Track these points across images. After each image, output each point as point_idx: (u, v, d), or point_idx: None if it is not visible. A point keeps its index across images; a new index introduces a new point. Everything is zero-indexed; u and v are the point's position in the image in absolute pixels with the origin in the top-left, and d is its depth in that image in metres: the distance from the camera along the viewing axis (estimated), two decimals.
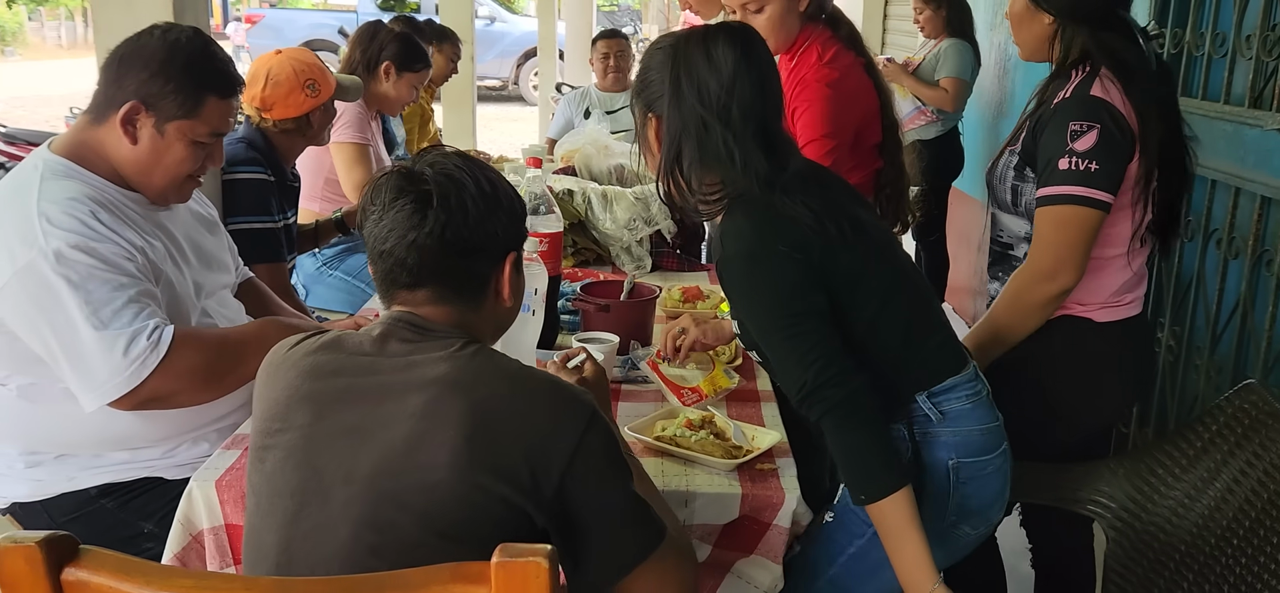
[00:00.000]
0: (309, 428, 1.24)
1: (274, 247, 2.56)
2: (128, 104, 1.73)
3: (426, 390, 1.20)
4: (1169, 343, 2.91)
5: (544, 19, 9.61)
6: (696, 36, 1.57)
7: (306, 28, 16.25)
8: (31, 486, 1.82)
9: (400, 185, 1.27)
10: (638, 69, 1.66)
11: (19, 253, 1.62)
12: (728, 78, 1.52)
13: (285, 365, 1.31)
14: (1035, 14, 1.87)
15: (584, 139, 3.24)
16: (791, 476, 1.63)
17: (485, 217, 1.28)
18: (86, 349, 1.62)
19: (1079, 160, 1.73)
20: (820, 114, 2.20)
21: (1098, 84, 1.78)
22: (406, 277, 1.28)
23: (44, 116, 13.01)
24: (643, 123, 1.64)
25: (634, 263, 2.81)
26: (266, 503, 1.26)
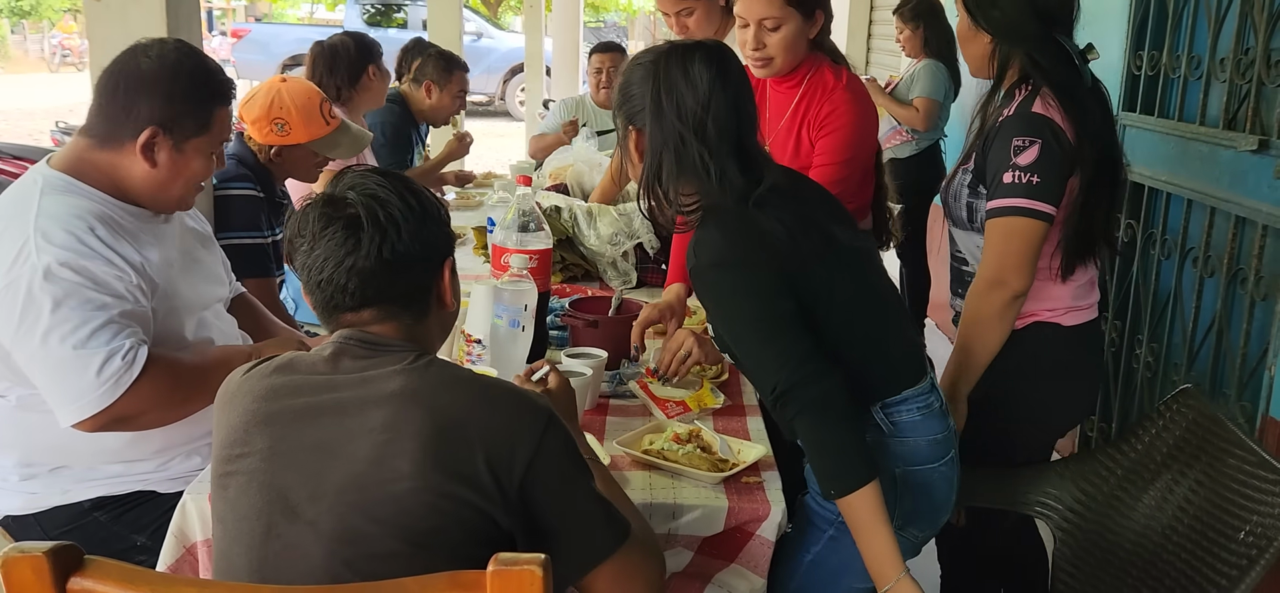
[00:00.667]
0: (269, 450, 1.25)
1: (263, 262, 2.58)
2: (146, 132, 1.75)
3: (385, 405, 1.22)
4: (1147, 359, 2.96)
5: (531, 35, 9.65)
6: (676, 53, 1.62)
7: (292, 42, 16.23)
8: (25, 499, 1.83)
9: (327, 213, 1.27)
10: (619, 83, 1.70)
11: (10, 268, 1.64)
12: (704, 94, 1.57)
13: (241, 392, 1.31)
14: (976, 33, 1.95)
15: (575, 156, 3.28)
16: (777, 488, 1.66)
17: (418, 229, 1.29)
18: (63, 366, 1.64)
19: (1022, 174, 1.80)
20: (849, 138, 2.23)
21: (1039, 101, 1.85)
22: (349, 300, 1.28)
23: (27, 130, 12.96)
24: (624, 134, 1.68)
25: (620, 278, 2.84)
26: (233, 528, 1.27)
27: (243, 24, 18.35)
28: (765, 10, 2.19)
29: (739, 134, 1.60)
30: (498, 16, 20.13)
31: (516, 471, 1.21)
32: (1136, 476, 1.86)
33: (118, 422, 1.69)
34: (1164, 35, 2.90)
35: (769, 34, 2.21)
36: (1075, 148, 1.83)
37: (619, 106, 1.68)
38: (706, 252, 1.57)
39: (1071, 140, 1.82)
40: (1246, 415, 2.48)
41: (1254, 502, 1.63)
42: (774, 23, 2.20)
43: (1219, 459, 1.72)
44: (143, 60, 1.77)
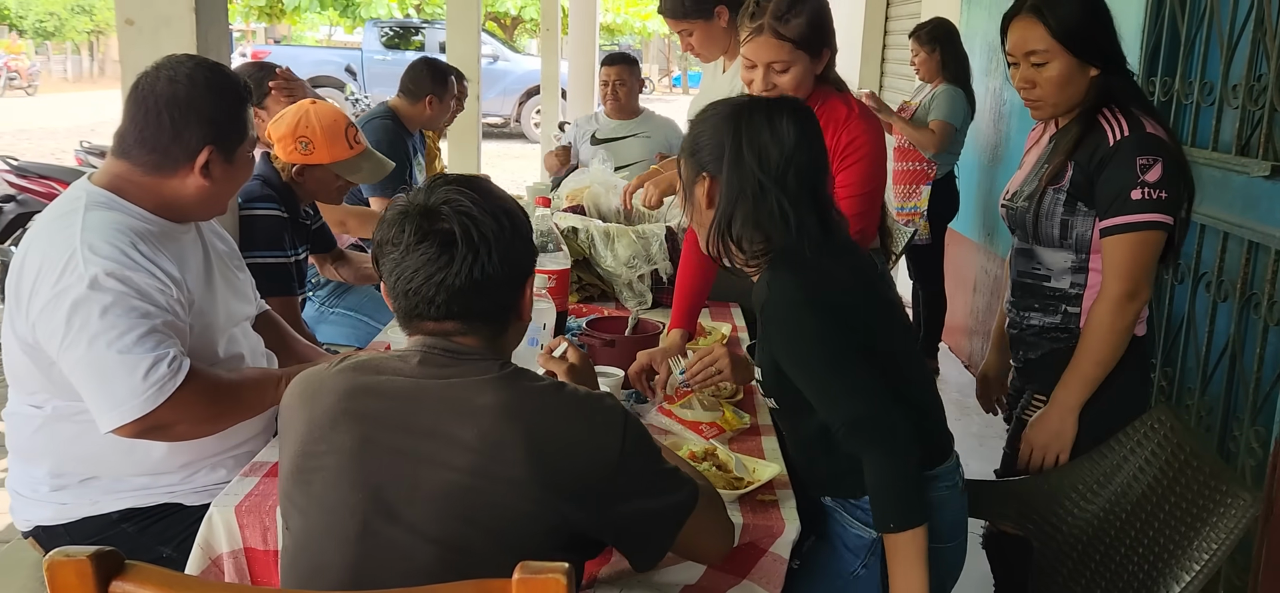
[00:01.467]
0: (357, 448, 1.30)
1: (286, 281, 2.63)
2: (204, 153, 1.81)
3: (481, 417, 1.28)
4: (1161, 383, 2.97)
5: (547, 58, 9.73)
6: (759, 107, 1.69)
7: (311, 64, 16.43)
8: (56, 509, 1.88)
9: (423, 226, 1.31)
10: (690, 132, 1.77)
11: (59, 278, 1.69)
12: (789, 148, 1.64)
13: (324, 389, 1.35)
14: (1082, 71, 1.97)
15: (591, 178, 3.32)
16: (791, 506, 1.68)
17: (507, 250, 1.34)
18: (109, 370, 1.67)
19: (1151, 190, 1.88)
20: (869, 169, 2.25)
21: (1147, 124, 1.93)
22: (435, 312, 1.34)
23: (50, 149, 13.12)
24: (692, 180, 1.73)
25: (636, 299, 2.88)
26: (319, 522, 1.31)
27: (263, 46, 18.57)
28: (773, 54, 2.17)
29: (816, 186, 1.68)
30: (513, 39, 20.30)
31: (608, 473, 1.31)
32: (1112, 488, 1.91)
33: (154, 430, 1.72)
34: (1176, 62, 2.93)
35: (778, 76, 2.19)
36: (1185, 162, 1.93)
37: (689, 154, 1.74)
38: (782, 291, 1.63)
39: (1181, 156, 1.93)
40: (1260, 441, 2.49)
41: (1205, 511, 1.70)
42: (782, 66, 2.18)
43: (1180, 472, 1.78)
44: (174, 85, 1.81)
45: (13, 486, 1.94)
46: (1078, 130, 1.98)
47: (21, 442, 1.90)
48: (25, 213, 5.31)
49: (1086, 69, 1.96)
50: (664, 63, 39.37)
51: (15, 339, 1.79)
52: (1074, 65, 1.96)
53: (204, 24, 2.23)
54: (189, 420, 1.75)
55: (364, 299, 3.40)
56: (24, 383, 1.84)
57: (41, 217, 1.83)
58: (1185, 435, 1.82)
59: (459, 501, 1.26)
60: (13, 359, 1.83)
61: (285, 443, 1.39)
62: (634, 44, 29.07)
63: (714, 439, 1.87)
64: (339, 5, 19.00)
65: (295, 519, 1.35)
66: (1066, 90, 1.98)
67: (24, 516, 1.93)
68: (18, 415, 1.88)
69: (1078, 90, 1.98)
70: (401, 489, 1.28)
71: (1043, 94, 2.00)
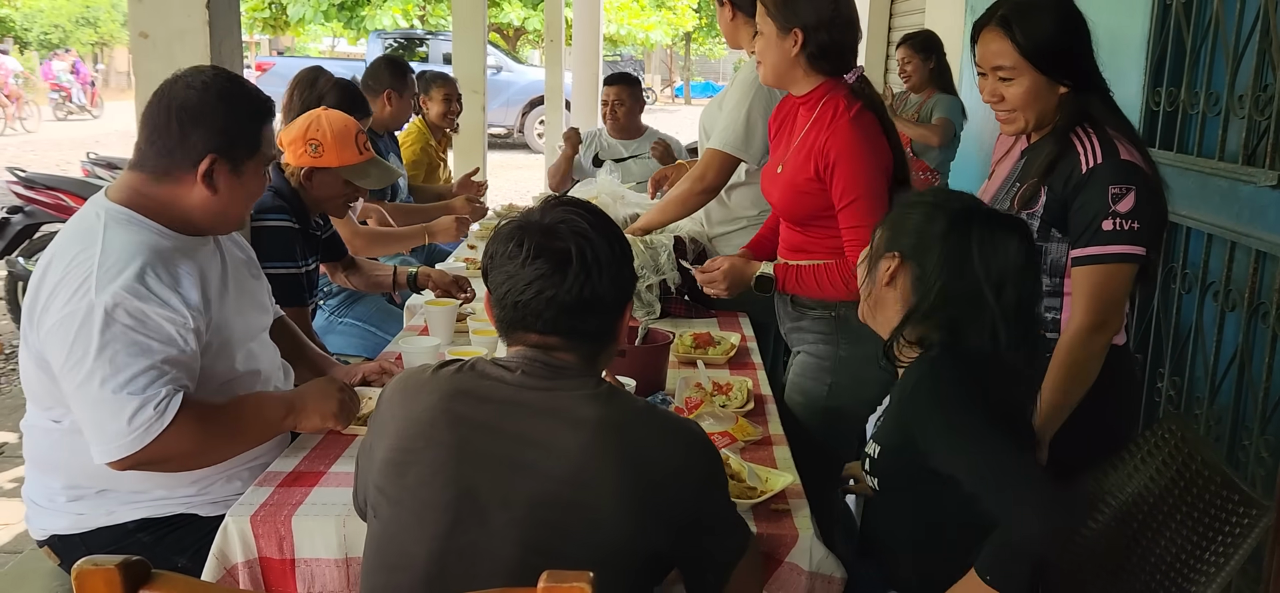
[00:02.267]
0: (456, 448, 1.34)
1: (297, 291, 2.64)
2: (205, 160, 1.81)
3: (581, 429, 1.33)
4: (1169, 393, 2.97)
5: (551, 69, 9.75)
6: (987, 219, 1.65)
7: None
8: (72, 519, 1.89)
9: (539, 242, 1.37)
10: (898, 206, 1.74)
11: (70, 300, 1.70)
12: (1017, 264, 1.60)
13: (427, 387, 1.41)
14: (1052, 89, 1.95)
15: (599, 189, 3.34)
16: (805, 515, 1.69)
17: (617, 274, 1.40)
18: (98, 407, 1.69)
19: (1123, 221, 1.84)
20: (851, 170, 2.27)
21: (1121, 148, 1.89)
22: (539, 324, 1.39)
23: (56, 160, 13.15)
24: (880, 251, 1.70)
25: (644, 309, 2.88)
26: (411, 515, 1.35)
27: (267, 57, 18.63)
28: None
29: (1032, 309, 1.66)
30: (516, 50, 20.35)
31: (692, 497, 1.37)
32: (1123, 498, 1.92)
33: (146, 464, 1.74)
34: (1182, 72, 2.94)
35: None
36: (1160, 188, 1.89)
37: (889, 225, 1.71)
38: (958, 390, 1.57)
39: (1158, 182, 1.89)
40: (1270, 450, 2.49)
41: (1218, 522, 1.70)
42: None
43: (1191, 483, 1.78)
44: (188, 91, 1.82)
45: (29, 495, 1.95)
46: (1050, 150, 1.94)
47: (39, 453, 1.91)
48: (32, 224, 5.33)
49: (1055, 87, 1.94)
50: (666, 73, 39.46)
51: (29, 353, 1.80)
52: (1042, 83, 1.93)
53: (217, 36, 2.24)
54: (179, 457, 1.76)
55: (373, 310, 3.41)
56: (40, 397, 1.85)
57: (62, 234, 1.83)
58: (1196, 446, 1.82)
59: (551, 509, 1.30)
60: (28, 373, 1.84)
61: (380, 436, 1.43)
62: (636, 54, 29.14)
63: (726, 449, 1.88)
64: (343, 17, 19.06)
65: (385, 509, 1.39)
66: (1034, 107, 1.96)
67: (40, 525, 1.94)
68: (37, 428, 1.89)
69: (1047, 107, 1.96)
70: (495, 492, 1.32)
71: (1012, 109, 1.98)
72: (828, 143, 2.28)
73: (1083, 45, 1.96)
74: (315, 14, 18.67)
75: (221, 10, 2.26)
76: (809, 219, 2.39)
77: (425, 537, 1.34)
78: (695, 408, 2.05)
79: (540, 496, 1.31)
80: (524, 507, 1.31)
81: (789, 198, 2.40)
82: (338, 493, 1.74)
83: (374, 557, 1.42)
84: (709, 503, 1.41)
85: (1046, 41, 1.92)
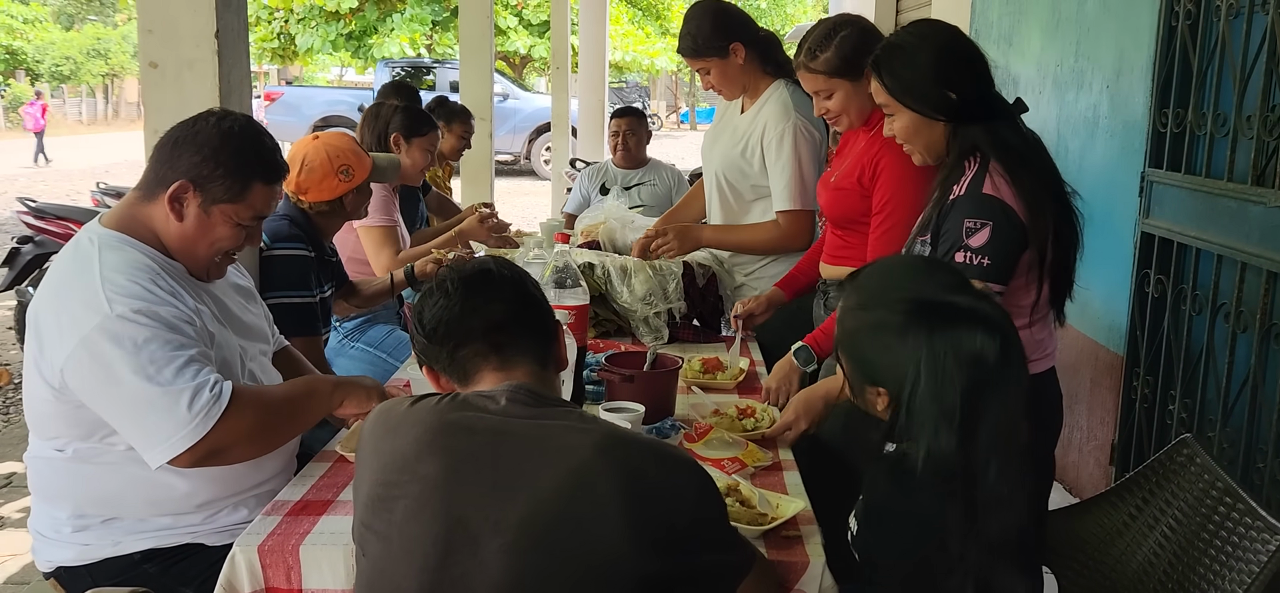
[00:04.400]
0: (443, 479, 1.34)
1: (311, 320, 2.64)
2: (176, 183, 1.82)
3: (570, 455, 1.34)
4: (1181, 416, 2.95)
5: (557, 96, 9.81)
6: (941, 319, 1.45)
7: (323, 104, 16.60)
8: (78, 550, 1.88)
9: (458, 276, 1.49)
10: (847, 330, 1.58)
11: (83, 320, 1.70)
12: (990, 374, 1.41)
13: (408, 421, 1.42)
14: (931, 124, 2.00)
15: (607, 214, 3.34)
16: (816, 543, 1.68)
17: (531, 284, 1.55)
18: (151, 406, 1.68)
19: (973, 256, 1.86)
20: (889, 182, 2.41)
21: (989, 181, 1.90)
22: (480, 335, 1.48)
23: (65, 190, 13.24)
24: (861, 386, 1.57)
25: (653, 334, 2.87)
26: (400, 549, 1.35)
27: (275, 87, 18.74)
28: (815, 84, 2.49)
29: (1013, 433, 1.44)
30: (523, 77, 20.46)
31: (684, 521, 1.36)
32: (1137, 523, 1.90)
33: (211, 455, 1.73)
34: (1188, 93, 2.93)
35: (824, 101, 2.48)
36: (1026, 224, 1.88)
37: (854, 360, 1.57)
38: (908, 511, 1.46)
39: (1022, 218, 1.88)
40: None
41: (1240, 548, 1.68)
42: (826, 92, 2.47)
43: (1213, 509, 1.76)
44: (203, 125, 1.85)
45: (35, 527, 1.94)
46: (945, 180, 1.99)
47: (43, 483, 1.90)
48: (43, 254, 5.35)
49: (934, 122, 1.98)
50: (671, 99, 39.61)
51: (42, 383, 1.79)
52: (917, 119, 2.00)
53: (226, 66, 2.26)
54: (242, 441, 1.76)
55: (385, 336, 3.41)
56: (45, 427, 1.85)
57: (57, 262, 1.85)
58: (1215, 470, 1.80)
59: (545, 534, 1.30)
60: (35, 403, 1.83)
61: (362, 474, 1.44)
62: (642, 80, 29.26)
63: (736, 475, 1.86)
64: (350, 46, 19.19)
65: (373, 546, 1.39)
66: (917, 140, 2.04)
67: (46, 556, 1.93)
68: (40, 459, 1.89)
69: (933, 139, 2.02)
70: (486, 519, 1.31)
71: (903, 141, 2.07)
72: (879, 153, 2.42)
73: (961, 80, 1.98)
74: (323, 44, 18.80)
75: (230, 41, 2.28)
76: (848, 222, 2.54)
77: (414, 571, 1.33)
78: (704, 434, 2.04)
79: (532, 519, 1.30)
80: (515, 531, 1.30)
81: (833, 199, 2.56)
82: (346, 522, 1.72)
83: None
84: (703, 525, 1.40)
85: (913, 81, 1.98)
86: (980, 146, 1.94)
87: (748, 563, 1.46)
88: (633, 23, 22.38)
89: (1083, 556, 1.95)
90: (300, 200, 2.70)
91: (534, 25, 19.75)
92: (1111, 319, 3.34)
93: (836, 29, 2.46)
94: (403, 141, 3.62)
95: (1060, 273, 1.97)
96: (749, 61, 2.94)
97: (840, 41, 2.43)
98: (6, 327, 6.41)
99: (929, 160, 2.08)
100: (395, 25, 18.37)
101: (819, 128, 2.89)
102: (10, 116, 27.14)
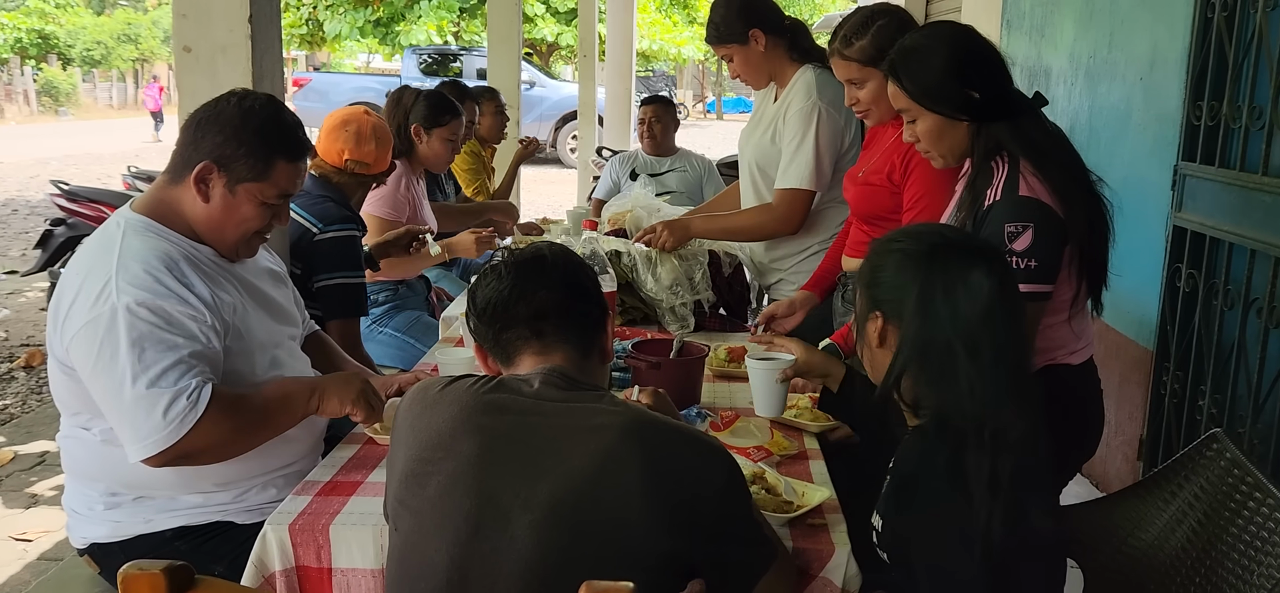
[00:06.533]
0: (477, 457, 1.38)
1: (360, 300, 2.66)
2: (201, 164, 1.84)
3: (599, 435, 1.38)
4: (1211, 411, 2.93)
5: (584, 85, 9.80)
6: (954, 252, 1.56)
7: (351, 91, 16.59)
8: (110, 527, 1.91)
9: (515, 260, 1.53)
10: (868, 260, 1.64)
11: (93, 305, 1.73)
12: (983, 307, 1.49)
13: (444, 400, 1.46)
14: (953, 125, 1.97)
15: (633, 201, 3.34)
16: (842, 531, 1.68)
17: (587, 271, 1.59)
18: (134, 405, 1.71)
19: (1019, 260, 1.83)
20: (919, 181, 2.41)
21: (1022, 182, 1.87)
22: (525, 322, 1.51)
23: (96, 174, 13.40)
24: (865, 315, 1.63)
25: (678, 323, 2.88)
26: (432, 524, 1.39)
27: (304, 74, 18.87)
28: (848, 72, 2.48)
29: (1016, 361, 1.52)
30: (549, 65, 20.48)
31: (709, 503, 1.39)
32: (1164, 516, 1.88)
33: (183, 458, 1.76)
34: (1224, 86, 2.90)
35: (855, 90, 2.49)
36: (1065, 221, 1.86)
37: (866, 285, 1.63)
38: (930, 475, 1.50)
39: (1060, 214, 1.85)
40: None
41: (1270, 542, 1.65)
42: (858, 82, 2.47)
43: (1243, 503, 1.74)
44: (224, 105, 1.87)
45: (69, 504, 1.98)
46: (971, 182, 1.97)
47: (75, 462, 1.94)
48: (75, 236, 5.43)
49: (956, 123, 1.96)
50: (698, 89, 39.53)
51: (56, 362, 1.83)
52: (940, 121, 1.97)
53: (259, 51, 2.28)
54: (213, 447, 1.78)
55: (411, 321, 3.43)
56: (69, 405, 1.89)
57: (85, 245, 1.88)
58: (1245, 465, 1.78)
59: (571, 510, 1.33)
60: (57, 383, 1.87)
61: (397, 451, 1.48)
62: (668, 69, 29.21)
63: (762, 462, 1.87)
64: (378, 33, 19.28)
65: (406, 520, 1.43)
66: (941, 143, 2.01)
67: (80, 533, 1.97)
68: (70, 438, 1.92)
69: (956, 140, 1.99)
70: (516, 497, 1.35)
71: (926, 147, 2.04)
72: (910, 149, 2.37)
73: (979, 79, 1.96)
74: (351, 30, 18.89)
75: (263, 26, 2.30)
76: (875, 217, 2.52)
77: (446, 545, 1.37)
78: (731, 422, 2.05)
79: (560, 497, 1.34)
80: (544, 509, 1.34)
81: (861, 194, 2.56)
82: (374, 502, 1.74)
83: (397, 568, 1.45)
84: (729, 509, 1.42)
85: (933, 85, 1.96)
86: (1006, 145, 1.93)
87: (770, 556, 1.47)
88: (660, 11, 22.35)
89: (1109, 547, 1.93)
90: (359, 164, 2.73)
91: (561, 13, 19.76)
92: (1142, 314, 3.31)
93: (874, 18, 2.44)
94: (423, 132, 3.59)
95: (1095, 263, 1.96)
96: (772, 48, 2.93)
97: (877, 31, 2.41)
98: (39, 308, 6.51)
99: (951, 163, 2.06)
100: (423, 12, 18.44)
101: (843, 114, 2.86)
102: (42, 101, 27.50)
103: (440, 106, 3.61)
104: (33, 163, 15.35)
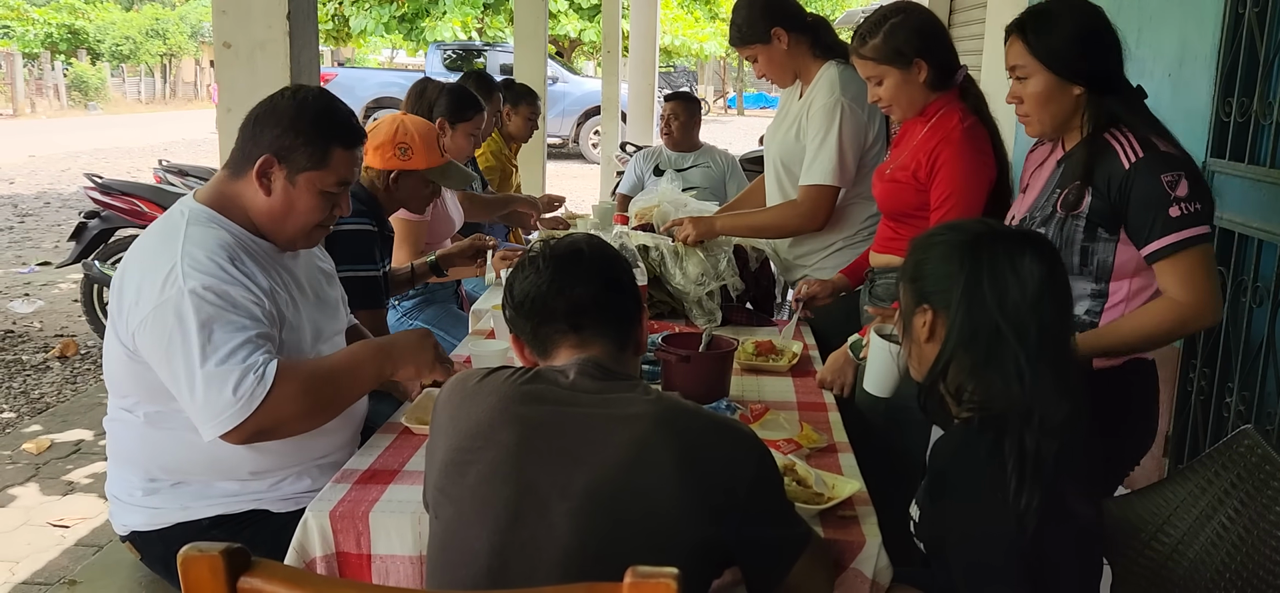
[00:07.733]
0: (516, 446, 1.41)
1: (376, 294, 2.70)
2: (262, 159, 1.89)
3: (634, 424, 1.41)
4: (1238, 407, 2.92)
5: (608, 81, 9.83)
6: (1001, 240, 1.56)
7: (376, 86, 16.78)
8: (149, 514, 1.96)
9: (552, 251, 1.56)
10: (911, 256, 1.65)
11: (161, 290, 1.78)
12: (1033, 292, 1.50)
13: (483, 391, 1.49)
14: (1063, 90, 1.99)
15: (661, 196, 3.36)
16: (872, 522, 1.70)
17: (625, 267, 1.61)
18: (203, 385, 1.75)
19: (1186, 205, 1.86)
20: (949, 178, 2.44)
21: (1159, 143, 1.91)
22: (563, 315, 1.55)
23: (126, 167, 13.55)
24: (911, 309, 1.63)
25: (706, 317, 2.90)
26: (472, 512, 1.42)
27: (329, 69, 18.98)
28: (866, 70, 2.51)
29: (1060, 344, 1.53)
30: (572, 61, 20.52)
31: (742, 490, 1.41)
32: (1194, 514, 1.88)
33: (260, 433, 1.79)
34: (1254, 82, 2.89)
35: (876, 88, 2.50)
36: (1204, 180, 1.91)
37: (910, 279, 1.63)
38: (969, 464, 1.51)
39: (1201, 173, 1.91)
40: None
41: None
42: (876, 79, 2.49)
43: (1274, 500, 1.73)
44: (279, 100, 1.93)
45: (111, 491, 2.03)
46: (1085, 154, 1.97)
47: (118, 446, 1.99)
48: (108, 229, 5.49)
49: (1069, 88, 1.97)
50: (719, 85, 39.47)
51: (118, 345, 1.87)
52: (1054, 82, 1.98)
53: (297, 47, 2.32)
54: (289, 420, 1.81)
55: (443, 315, 3.47)
56: (119, 387, 1.93)
57: (149, 230, 1.93)
58: (1276, 461, 1.78)
59: (607, 498, 1.36)
60: (112, 365, 1.92)
61: (437, 441, 1.51)
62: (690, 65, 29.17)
63: (792, 455, 1.89)
64: (403, 28, 19.37)
65: (446, 509, 1.46)
66: (1048, 107, 2.01)
67: (121, 520, 2.02)
68: (116, 421, 1.97)
69: (1062, 108, 2.00)
70: (554, 485, 1.38)
71: (1028, 109, 2.04)
72: (938, 148, 2.44)
73: (1100, 50, 1.99)
74: (376, 26, 19.00)
75: (300, 22, 2.34)
76: (902, 215, 2.55)
77: (486, 533, 1.40)
78: (760, 416, 2.07)
79: (596, 485, 1.37)
80: (581, 497, 1.37)
81: (888, 191, 2.58)
82: (413, 491, 1.78)
83: (438, 555, 1.48)
84: (762, 496, 1.45)
85: (1058, 43, 1.97)
86: (1123, 118, 1.95)
87: (804, 540, 1.49)
88: (682, 7, 22.32)
89: (1137, 542, 1.94)
90: (367, 169, 2.76)
91: (584, 9, 19.78)
92: None
93: (887, 17, 2.48)
94: (448, 126, 3.60)
95: None
96: (795, 46, 2.95)
97: (889, 30, 2.45)
98: (72, 299, 6.61)
99: (1045, 131, 2.06)
100: (447, 8, 18.52)
101: (867, 110, 2.87)
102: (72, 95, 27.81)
103: (464, 101, 3.65)
104: (64, 156, 15.53)
